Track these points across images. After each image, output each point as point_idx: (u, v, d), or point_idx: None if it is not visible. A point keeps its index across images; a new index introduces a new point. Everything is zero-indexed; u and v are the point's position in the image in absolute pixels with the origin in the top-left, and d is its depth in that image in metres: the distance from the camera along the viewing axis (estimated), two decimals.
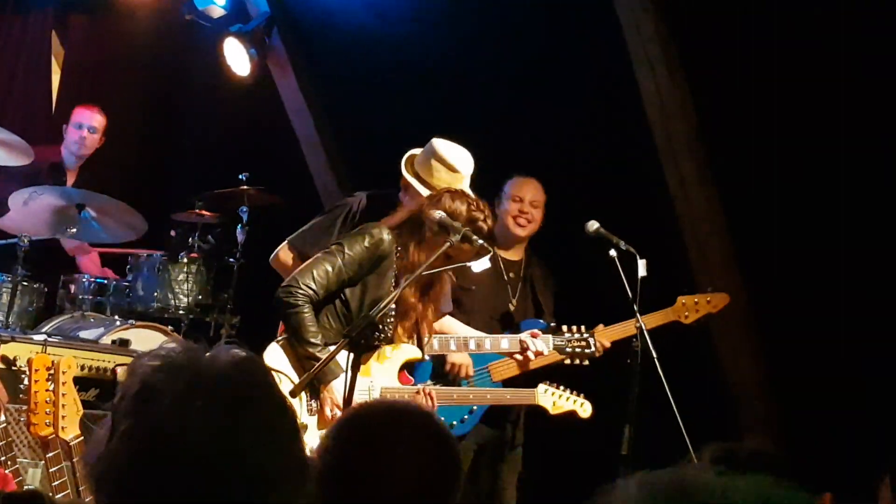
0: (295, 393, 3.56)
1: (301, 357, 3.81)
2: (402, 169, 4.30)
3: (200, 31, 6.82)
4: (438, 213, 3.84)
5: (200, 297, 5.87)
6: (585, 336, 4.47)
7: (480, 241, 3.75)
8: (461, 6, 5.89)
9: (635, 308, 4.32)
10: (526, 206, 4.83)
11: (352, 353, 3.35)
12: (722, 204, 5.33)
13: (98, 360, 4.88)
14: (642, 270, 4.31)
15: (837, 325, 4.87)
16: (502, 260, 4.84)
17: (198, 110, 7.16)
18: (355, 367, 3.34)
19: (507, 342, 4.33)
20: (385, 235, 3.92)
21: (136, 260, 5.84)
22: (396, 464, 1.80)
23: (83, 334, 5.26)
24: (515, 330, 4.63)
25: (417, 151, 4.36)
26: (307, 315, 3.80)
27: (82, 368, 4.69)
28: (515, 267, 4.92)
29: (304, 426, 3.77)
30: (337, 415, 3.73)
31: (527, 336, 4.31)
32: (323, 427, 3.80)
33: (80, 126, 6.01)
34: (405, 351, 4.01)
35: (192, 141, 7.26)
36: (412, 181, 4.24)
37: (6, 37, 6.91)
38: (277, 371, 3.78)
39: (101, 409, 4.23)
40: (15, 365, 4.56)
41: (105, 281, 5.73)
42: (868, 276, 4.83)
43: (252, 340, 3.92)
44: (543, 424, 4.58)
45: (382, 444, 1.82)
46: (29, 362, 3.02)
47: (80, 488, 2.90)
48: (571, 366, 4.53)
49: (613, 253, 4.40)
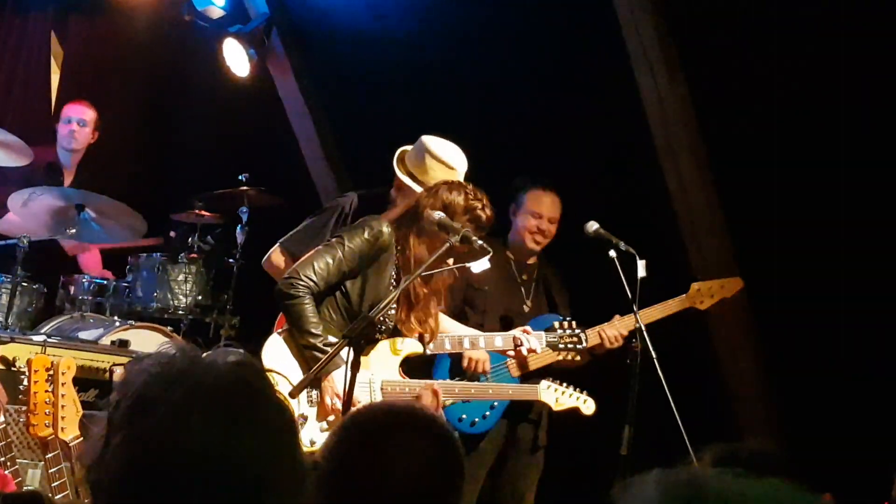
0: (294, 394, 3.56)
1: (302, 348, 3.81)
2: (396, 169, 4.29)
3: (200, 32, 6.82)
4: (437, 214, 3.84)
5: (200, 298, 5.87)
6: (577, 332, 4.51)
7: (480, 242, 3.75)
8: (461, 7, 5.88)
9: (635, 308, 4.32)
10: (544, 224, 4.80)
11: (352, 352, 3.35)
12: (722, 204, 5.33)
13: (97, 361, 4.88)
14: (642, 271, 4.31)
15: (837, 325, 4.87)
16: (514, 262, 4.87)
17: (197, 111, 7.15)
18: (355, 367, 3.35)
19: (501, 340, 4.31)
20: (385, 228, 3.93)
21: (136, 260, 5.84)
22: (399, 465, 1.81)
23: (82, 335, 5.25)
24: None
25: (408, 148, 4.35)
26: (308, 306, 3.80)
27: (82, 369, 4.68)
28: (529, 269, 4.92)
29: (304, 417, 3.77)
30: (337, 405, 3.73)
31: (519, 332, 4.30)
32: (323, 418, 3.81)
33: (70, 120, 6.01)
34: (407, 345, 4.01)
35: (192, 142, 7.25)
36: (408, 182, 4.23)
37: (6, 37, 6.90)
38: (276, 372, 3.78)
39: (101, 410, 4.22)
40: (14, 366, 4.56)
41: (104, 282, 5.73)
42: (868, 276, 4.82)
43: (252, 341, 3.92)
44: (561, 426, 4.61)
45: (385, 446, 1.82)
46: (28, 363, 3.02)
47: (79, 489, 2.90)
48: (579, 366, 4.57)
49: (613, 253, 4.40)
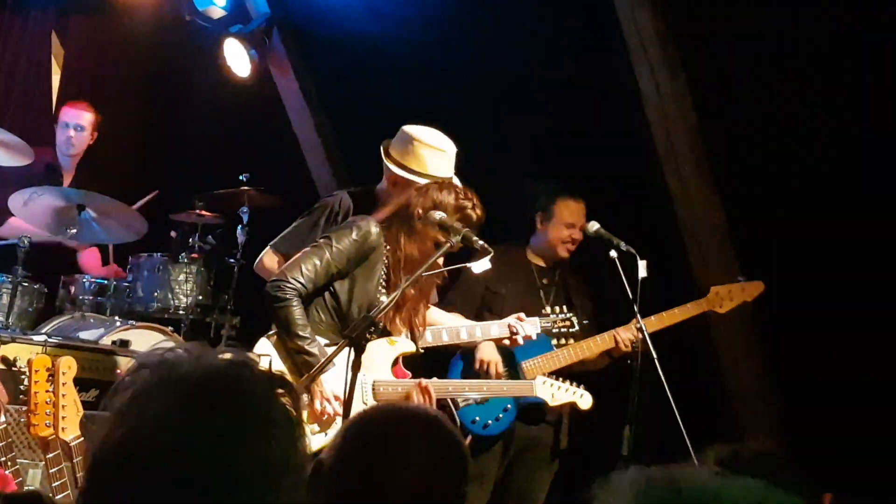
0: (301, 391, 3.55)
1: (291, 352, 3.80)
2: (390, 165, 4.22)
3: (201, 32, 6.82)
4: (438, 214, 3.83)
5: (201, 298, 5.86)
6: (569, 315, 4.56)
7: (481, 243, 3.74)
8: (461, 7, 5.88)
9: (636, 309, 4.32)
10: (577, 234, 4.82)
11: (352, 353, 3.34)
12: (722, 204, 5.33)
13: (98, 361, 4.88)
14: (643, 271, 4.31)
15: (837, 325, 4.87)
16: (535, 267, 4.90)
17: (198, 111, 7.15)
18: (356, 368, 3.33)
19: (497, 328, 4.29)
20: (373, 228, 3.91)
21: (137, 260, 5.83)
22: (403, 467, 1.81)
23: (83, 335, 5.25)
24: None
25: (391, 141, 4.30)
26: (296, 309, 3.79)
27: (82, 369, 4.68)
28: (549, 274, 4.93)
29: None
30: (327, 407, 3.72)
31: (514, 320, 4.26)
32: (313, 421, 3.77)
33: (67, 126, 5.99)
34: (399, 345, 3.98)
35: (193, 142, 7.25)
36: (403, 174, 4.16)
37: (6, 37, 6.89)
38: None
39: (101, 410, 4.22)
40: (15, 366, 4.55)
41: (105, 281, 5.72)
42: (869, 276, 4.82)
43: (252, 341, 3.92)
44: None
45: (390, 447, 1.83)
46: (29, 363, 3.02)
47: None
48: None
49: (614, 254, 4.40)
